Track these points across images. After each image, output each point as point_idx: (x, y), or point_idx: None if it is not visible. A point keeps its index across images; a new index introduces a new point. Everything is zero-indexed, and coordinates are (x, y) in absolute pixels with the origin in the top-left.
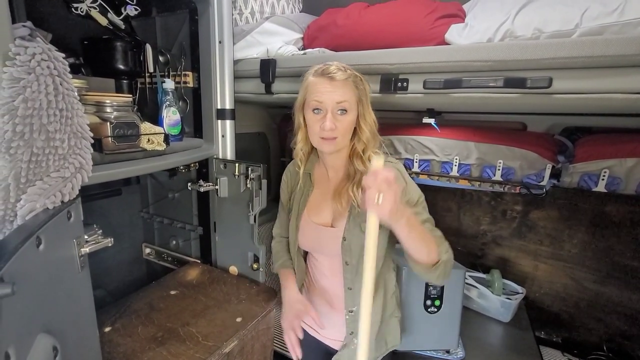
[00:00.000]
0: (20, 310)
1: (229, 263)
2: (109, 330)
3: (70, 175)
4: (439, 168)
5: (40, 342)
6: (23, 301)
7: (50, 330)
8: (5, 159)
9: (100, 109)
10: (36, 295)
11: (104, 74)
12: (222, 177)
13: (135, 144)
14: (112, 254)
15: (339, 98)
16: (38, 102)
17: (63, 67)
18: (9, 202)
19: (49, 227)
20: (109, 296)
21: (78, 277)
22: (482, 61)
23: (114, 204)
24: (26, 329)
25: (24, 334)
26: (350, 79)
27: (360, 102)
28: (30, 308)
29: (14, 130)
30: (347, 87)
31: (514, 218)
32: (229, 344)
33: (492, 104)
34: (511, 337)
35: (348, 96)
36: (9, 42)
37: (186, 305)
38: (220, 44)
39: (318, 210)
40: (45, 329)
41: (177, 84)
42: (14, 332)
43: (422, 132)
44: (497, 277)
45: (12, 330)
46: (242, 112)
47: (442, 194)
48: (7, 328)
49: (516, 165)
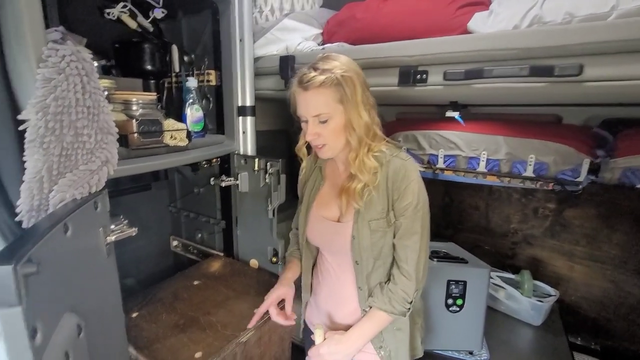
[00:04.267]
0: (47, 290)
1: (249, 256)
2: (136, 316)
3: (97, 168)
4: (465, 164)
5: (66, 320)
6: (50, 281)
7: (76, 310)
8: (39, 153)
9: (127, 107)
10: (63, 277)
11: (133, 74)
12: (242, 172)
13: (159, 139)
14: (142, 245)
15: (312, 111)
16: (67, 100)
17: (90, 67)
18: (43, 192)
19: (76, 216)
20: (138, 285)
21: (104, 263)
22: (505, 49)
23: (144, 198)
24: (53, 307)
25: (50, 311)
26: (328, 82)
27: (342, 103)
28: (57, 288)
29: (46, 127)
30: (322, 95)
31: (547, 216)
32: (246, 334)
33: (518, 95)
34: (542, 342)
35: (324, 107)
36: (43, 46)
37: (208, 295)
38: (241, 42)
39: (327, 204)
40: (72, 308)
41: (200, 83)
42: (41, 309)
43: (447, 126)
44: (527, 278)
45: (40, 307)
46: (264, 110)
47: (469, 190)
48: (34, 304)
49: (550, 161)
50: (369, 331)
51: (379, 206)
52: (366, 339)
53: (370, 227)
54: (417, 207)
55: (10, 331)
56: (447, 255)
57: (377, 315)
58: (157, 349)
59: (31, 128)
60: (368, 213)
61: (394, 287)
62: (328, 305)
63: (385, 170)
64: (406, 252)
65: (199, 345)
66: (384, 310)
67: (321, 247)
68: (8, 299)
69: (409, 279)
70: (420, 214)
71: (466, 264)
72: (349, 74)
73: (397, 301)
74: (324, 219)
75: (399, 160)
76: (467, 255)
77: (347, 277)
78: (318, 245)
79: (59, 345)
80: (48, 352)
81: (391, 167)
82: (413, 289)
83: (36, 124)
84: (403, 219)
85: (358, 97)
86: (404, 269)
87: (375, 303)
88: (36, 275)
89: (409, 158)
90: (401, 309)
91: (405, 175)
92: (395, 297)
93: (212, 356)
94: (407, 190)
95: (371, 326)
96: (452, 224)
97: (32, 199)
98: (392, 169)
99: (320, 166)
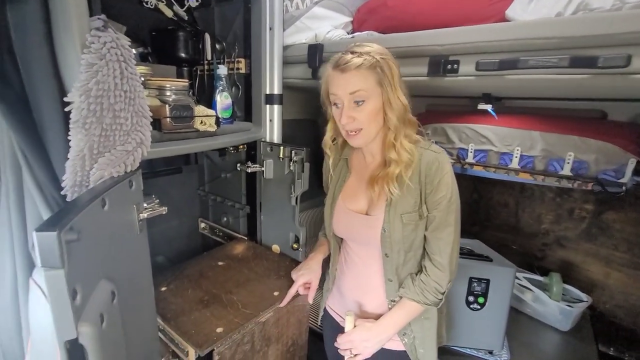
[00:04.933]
0: (86, 257)
1: (272, 241)
2: (165, 290)
3: (132, 149)
4: (496, 159)
5: (102, 286)
6: (88, 250)
7: (111, 278)
8: (82, 133)
9: (161, 93)
10: (100, 247)
11: (168, 61)
12: (268, 160)
13: (189, 124)
14: (173, 226)
15: (351, 88)
16: (107, 84)
17: (128, 53)
18: (85, 169)
19: (113, 192)
20: (168, 262)
21: (137, 238)
22: (544, 38)
23: (175, 181)
24: (90, 273)
25: (88, 276)
26: (366, 64)
27: (382, 86)
28: (94, 256)
29: (88, 109)
30: (361, 75)
31: (583, 218)
32: (265, 314)
33: (557, 88)
34: (568, 348)
35: (363, 84)
36: (86, 33)
37: (231, 275)
38: (271, 31)
39: (354, 196)
40: (107, 276)
41: (230, 71)
42: (80, 273)
43: (479, 119)
44: (557, 281)
45: (79, 272)
46: (291, 99)
47: (499, 187)
48: (75, 268)
49: (590, 159)
50: (401, 320)
51: (411, 199)
52: (397, 327)
53: (402, 221)
54: (451, 200)
55: (54, 291)
56: (471, 252)
57: (408, 305)
58: (182, 322)
59: (75, 110)
60: (400, 206)
61: (426, 278)
62: (354, 295)
63: (418, 163)
64: (439, 245)
65: (220, 321)
66: (416, 301)
67: (347, 239)
68: (53, 261)
69: (442, 271)
70: (453, 207)
71: (490, 262)
72: (386, 57)
73: (429, 292)
74: (350, 211)
75: (431, 153)
76: (493, 253)
77: (374, 268)
78: (344, 237)
79: (96, 308)
80: (86, 312)
81: (424, 160)
82: (446, 280)
83: (79, 105)
84: (437, 212)
85: (396, 80)
86: (436, 261)
87: (407, 294)
88: (76, 242)
89: (441, 151)
90: (434, 300)
91: (438, 168)
92: (428, 287)
93: (232, 332)
94: (440, 183)
95: (403, 315)
96: (479, 221)
97: (75, 175)
98: (424, 161)
99: (346, 158)
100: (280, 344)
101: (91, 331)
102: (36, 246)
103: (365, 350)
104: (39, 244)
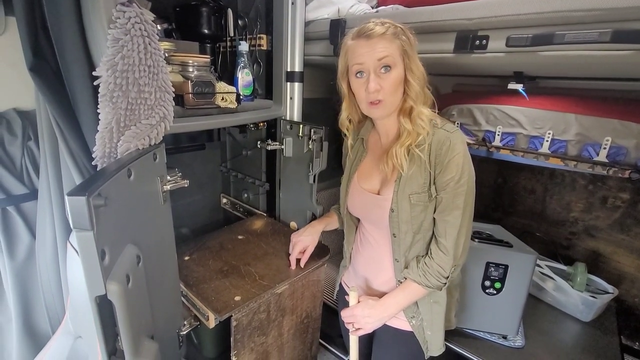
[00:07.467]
0: (113, 222)
1: (290, 218)
2: (188, 259)
3: (156, 123)
4: (525, 143)
5: (128, 250)
6: (115, 215)
7: (136, 243)
8: (109, 107)
9: (184, 69)
10: (126, 214)
11: (191, 37)
12: (287, 138)
13: (211, 101)
14: (197, 200)
15: (379, 54)
16: (132, 59)
17: (152, 29)
18: (112, 142)
19: (138, 163)
20: (192, 234)
21: (161, 208)
22: (584, 10)
23: (198, 157)
24: (117, 237)
25: (115, 240)
26: (390, 31)
27: (405, 53)
28: (121, 222)
29: (115, 83)
30: (386, 41)
31: (617, 207)
32: (280, 287)
33: (596, 66)
34: (588, 339)
35: (389, 50)
36: (112, 8)
37: (249, 249)
38: (293, 5)
39: (368, 176)
40: (133, 241)
41: (252, 47)
42: (108, 237)
43: (509, 100)
44: (581, 270)
45: (107, 235)
46: (312, 77)
47: (526, 172)
48: (103, 232)
49: (630, 145)
50: (403, 300)
51: (420, 179)
52: (399, 307)
53: (410, 201)
54: (460, 181)
55: (85, 251)
56: (490, 237)
57: (411, 286)
58: (203, 289)
59: (103, 84)
60: (409, 186)
61: (430, 261)
62: (366, 272)
63: (429, 142)
64: (445, 227)
65: (238, 290)
66: (417, 282)
67: (361, 218)
68: (83, 223)
69: (446, 254)
70: (463, 189)
71: (510, 247)
72: (404, 28)
73: (431, 275)
74: (364, 190)
75: (443, 132)
76: (514, 239)
77: (385, 248)
78: (358, 215)
79: (122, 269)
80: (114, 272)
81: (435, 139)
82: (450, 264)
83: (107, 79)
84: (444, 194)
85: (415, 50)
86: (441, 244)
87: (410, 275)
88: (104, 207)
89: (455, 130)
90: (436, 283)
91: (450, 148)
92: (431, 270)
93: (250, 301)
94: (450, 164)
95: (405, 296)
96: (502, 207)
97: (104, 147)
98: (435, 140)
99: (363, 137)
100: (294, 315)
101: (118, 289)
102: (68, 209)
103: (366, 326)
104: (70, 207)
